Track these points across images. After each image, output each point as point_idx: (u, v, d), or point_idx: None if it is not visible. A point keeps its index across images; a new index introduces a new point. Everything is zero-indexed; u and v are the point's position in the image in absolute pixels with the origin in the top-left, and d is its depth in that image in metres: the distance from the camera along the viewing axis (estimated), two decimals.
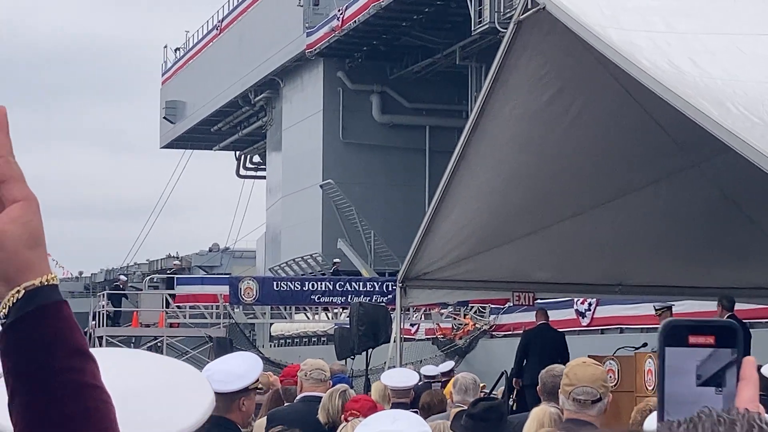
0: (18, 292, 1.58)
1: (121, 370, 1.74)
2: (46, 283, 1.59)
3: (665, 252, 14.74)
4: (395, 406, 9.67)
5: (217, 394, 5.95)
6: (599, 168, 13.65)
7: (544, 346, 17.41)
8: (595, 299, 23.36)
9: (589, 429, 5.92)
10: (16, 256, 1.57)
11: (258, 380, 6.39)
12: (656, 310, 18.30)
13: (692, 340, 1.28)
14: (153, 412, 2.01)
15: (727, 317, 15.18)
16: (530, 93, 12.86)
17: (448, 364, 19.07)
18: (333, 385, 8.56)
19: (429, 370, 17.85)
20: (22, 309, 1.57)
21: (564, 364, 6.98)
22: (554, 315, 20.99)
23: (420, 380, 14.14)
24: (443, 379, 16.52)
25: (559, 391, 6.09)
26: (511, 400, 17.25)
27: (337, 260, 40.10)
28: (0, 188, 1.59)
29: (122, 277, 43.94)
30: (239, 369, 5.97)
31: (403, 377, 11.22)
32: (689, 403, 1.26)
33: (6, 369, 1.58)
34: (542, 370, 7.58)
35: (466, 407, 8.56)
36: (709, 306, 16.09)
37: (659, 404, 1.28)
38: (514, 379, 17.68)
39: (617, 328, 23.18)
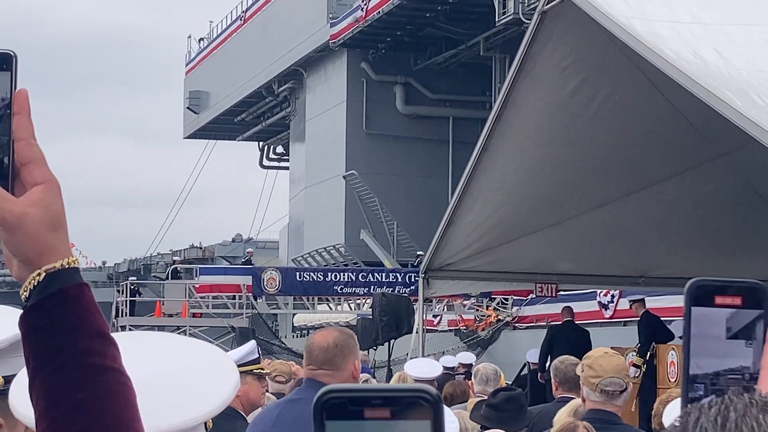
0: (39, 274, 1.58)
1: (146, 354, 1.75)
2: (67, 265, 1.59)
3: (689, 244, 14.70)
4: None
5: None
6: (623, 159, 13.62)
7: (569, 343, 17.45)
8: (618, 291, 23.29)
9: (615, 419, 5.91)
10: (37, 239, 1.58)
11: (257, 363, 6.39)
12: (630, 303, 18.68)
13: (719, 300, 1.28)
14: (178, 395, 2.01)
15: None
16: (554, 84, 12.84)
17: (468, 356, 19.05)
18: None
19: (447, 360, 17.87)
20: (42, 292, 1.58)
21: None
22: (577, 307, 20.97)
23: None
24: (463, 371, 16.53)
25: (581, 382, 6.07)
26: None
27: (420, 252, 39.90)
28: (22, 171, 1.60)
29: (176, 258, 43.85)
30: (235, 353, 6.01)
31: (426, 367, 11.23)
32: (719, 356, 1.26)
33: (27, 351, 1.59)
34: (556, 361, 7.55)
35: (486, 397, 8.57)
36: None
37: (684, 363, 1.27)
38: (539, 374, 17.71)
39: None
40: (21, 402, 1.99)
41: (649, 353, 16.84)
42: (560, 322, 18.81)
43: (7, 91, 1.63)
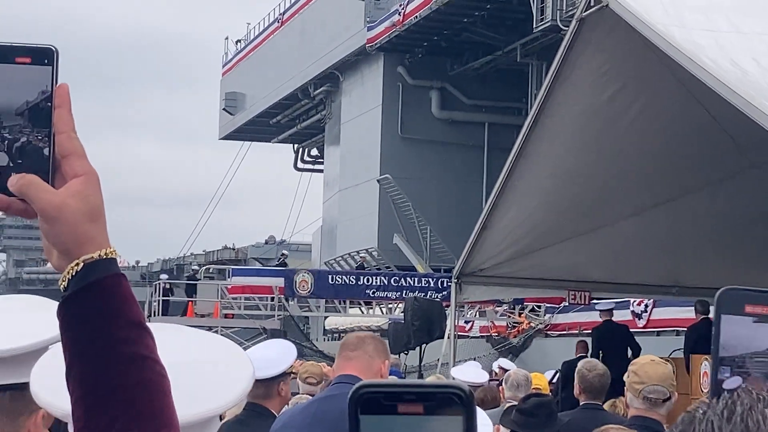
0: (77, 264, 1.61)
1: (165, 345, 1.77)
2: (104, 256, 1.62)
3: (723, 254, 14.64)
4: None
5: (255, 381, 5.94)
6: (659, 167, 13.59)
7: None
8: (651, 300, 23.22)
9: (659, 427, 5.91)
10: (76, 230, 1.61)
11: (293, 365, 6.43)
12: (600, 312, 18.75)
13: (749, 309, 1.29)
14: (194, 387, 2.02)
15: (702, 320, 15.38)
16: (591, 91, 12.82)
17: (508, 362, 19.04)
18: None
19: (471, 366, 17.87)
20: (80, 282, 1.61)
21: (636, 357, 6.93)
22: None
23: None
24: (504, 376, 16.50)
25: (625, 388, 6.09)
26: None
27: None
28: (62, 163, 1.63)
29: (284, 252, 43.85)
30: (273, 354, 5.99)
31: (474, 374, 11.19)
32: (746, 337, 1.28)
33: (64, 340, 1.62)
34: (582, 367, 7.55)
35: (517, 403, 8.56)
36: None
37: (713, 367, 1.29)
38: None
39: (673, 330, 23.01)
40: (44, 390, 2.01)
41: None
42: (573, 357, 18.82)
43: (48, 85, 1.66)
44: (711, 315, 17.49)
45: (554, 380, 19.31)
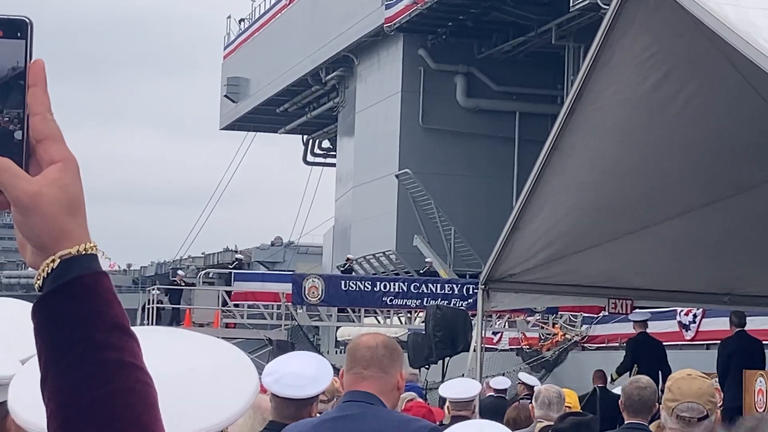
0: (53, 261, 1.60)
1: (157, 352, 1.75)
2: (84, 252, 1.61)
3: None
4: (456, 419, 9.70)
5: (289, 400, 5.92)
6: (710, 162, 13.56)
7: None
8: (700, 310, 23.19)
9: None
10: (52, 222, 1.60)
11: None
12: (634, 324, 18.87)
13: None
14: (189, 401, 2.00)
15: (736, 333, 15.49)
16: (634, 77, 12.80)
17: (531, 377, 19.07)
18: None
19: (499, 382, 17.92)
20: (57, 280, 1.60)
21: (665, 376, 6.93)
22: (654, 327, 20.92)
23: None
24: (526, 393, 16.55)
25: (660, 406, 6.07)
26: None
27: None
28: (37, 148, 1.62)
29: (350, 257, 44.08)
30: (311, 371, 5.95)
31: (462, 388, 11.28)
32: None
33: (39, 345, 1.61)
34: (626, 382, 7.55)
35: (550, 423, 8.55)
36: None
37: None
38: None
39: None
40: (23, 407, 1.98)
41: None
42: (597, 386, 18.90)
43: (21, 61, 1.64)
44: (747, 327, 17.78)
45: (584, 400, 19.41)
